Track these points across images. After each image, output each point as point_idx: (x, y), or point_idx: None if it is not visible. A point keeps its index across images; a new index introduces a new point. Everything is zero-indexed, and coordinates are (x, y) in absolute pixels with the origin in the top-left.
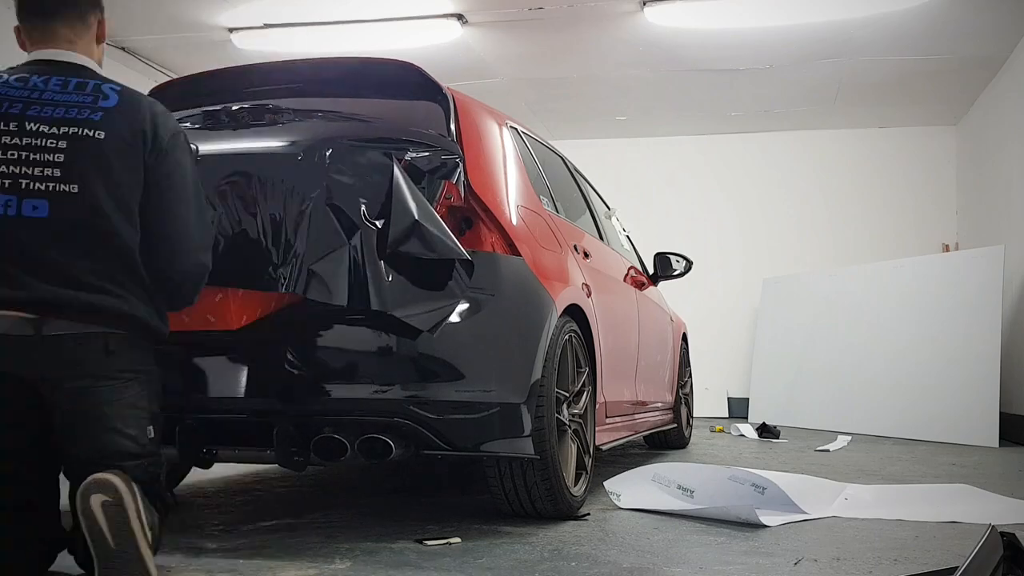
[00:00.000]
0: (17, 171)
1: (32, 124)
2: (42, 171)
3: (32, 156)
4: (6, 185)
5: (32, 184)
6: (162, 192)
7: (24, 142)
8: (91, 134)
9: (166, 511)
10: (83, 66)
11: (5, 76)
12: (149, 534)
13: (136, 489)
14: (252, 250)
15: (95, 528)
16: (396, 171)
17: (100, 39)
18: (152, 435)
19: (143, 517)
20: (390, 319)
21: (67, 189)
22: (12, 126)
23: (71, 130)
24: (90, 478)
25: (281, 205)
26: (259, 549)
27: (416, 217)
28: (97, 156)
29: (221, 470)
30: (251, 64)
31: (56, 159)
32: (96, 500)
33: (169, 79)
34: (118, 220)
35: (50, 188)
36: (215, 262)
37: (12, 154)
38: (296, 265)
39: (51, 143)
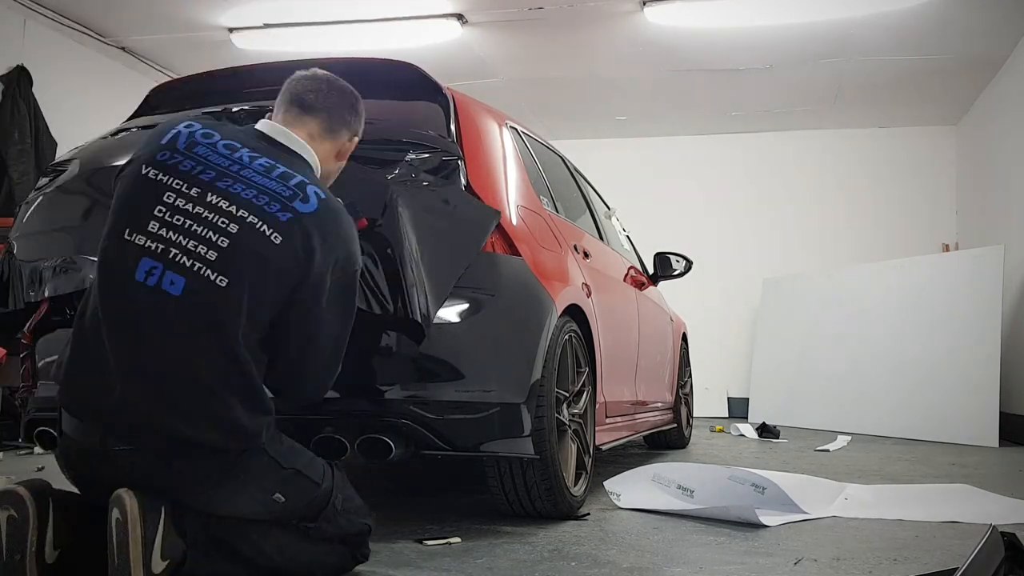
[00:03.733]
0: (175, 239)
1: (214, 197)
2: (196, 247)
3: (196, 228)
4: (158, 251)
5: (181, 257)
6: (299, 320)
7: (195, 211)
8: (266, 232)
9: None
10: (302, 158)
11: (216, 136)
12: (159, 564)
13: (151, 514)
14: None
15: (108, 541)
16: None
17: (340, 156)
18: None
19: (149, 543)
20: (390, 320)
21: (212, 278)
22: (194, 192)
23: (249, 218)
24: (115, 492)
25: None
26: None
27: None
28: (260, 258)
29: None
30: (251, 64)
31: (219, 242)
32: (112, 515)
33: (169, 79)
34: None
35: (195, 269)
36: None
37: (179, 220)
38: None
39: (222, 223)
